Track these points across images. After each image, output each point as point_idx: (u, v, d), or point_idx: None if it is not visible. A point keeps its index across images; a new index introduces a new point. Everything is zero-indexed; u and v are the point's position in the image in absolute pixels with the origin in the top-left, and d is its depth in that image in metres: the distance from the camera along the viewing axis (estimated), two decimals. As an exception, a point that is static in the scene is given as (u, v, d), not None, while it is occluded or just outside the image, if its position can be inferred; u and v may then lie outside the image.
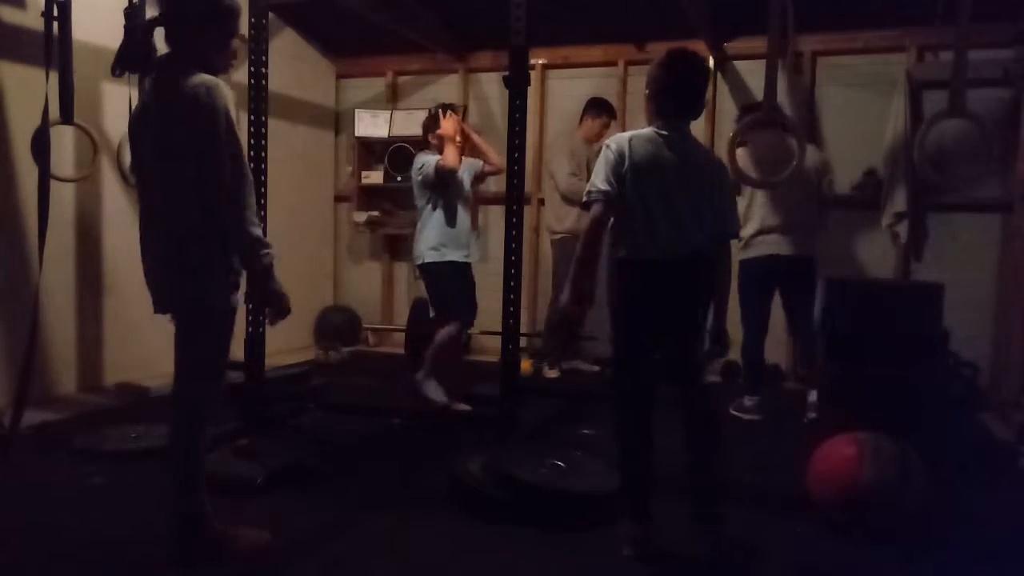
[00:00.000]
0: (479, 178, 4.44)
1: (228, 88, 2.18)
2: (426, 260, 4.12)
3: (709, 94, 5.27)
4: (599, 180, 2.42)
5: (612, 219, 2.47)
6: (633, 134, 2.46)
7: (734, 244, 2.71)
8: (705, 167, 2.49)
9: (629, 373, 2.48)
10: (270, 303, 2.29)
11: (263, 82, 3.76)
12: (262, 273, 2.21)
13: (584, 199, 2.49)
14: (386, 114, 6.04)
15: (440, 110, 4.16)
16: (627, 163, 2.40)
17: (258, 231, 2.19)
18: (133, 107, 2.32)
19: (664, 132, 2.45)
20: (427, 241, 4.11)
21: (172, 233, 2.21)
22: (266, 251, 2.20)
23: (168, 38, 2.28)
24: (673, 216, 2.42)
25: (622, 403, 2.49)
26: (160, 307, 2.31)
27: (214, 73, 2.23)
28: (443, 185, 4.06)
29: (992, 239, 4.85)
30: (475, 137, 4.41)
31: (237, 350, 2.50)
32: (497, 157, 4.27)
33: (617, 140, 2.46)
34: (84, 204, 4.35)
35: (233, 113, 2.16)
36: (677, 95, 2.46)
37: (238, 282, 2.28)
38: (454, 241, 4.11)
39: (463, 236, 4.16)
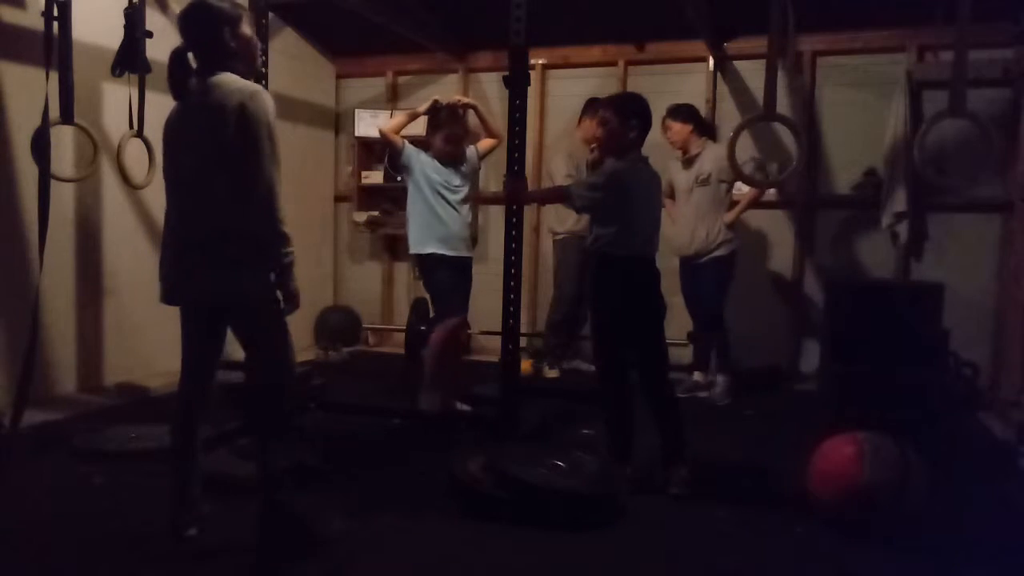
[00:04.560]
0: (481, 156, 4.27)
1: (268, 96, 2.35)
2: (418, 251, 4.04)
3: (708, 94, 5.37)
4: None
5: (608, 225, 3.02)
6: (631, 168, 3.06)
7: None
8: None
9: (616, 348, 3.12)
10: (287, 298, 2.44)
11: (263, 82, 3.76)
12: (286, 270, 2.38)
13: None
14: (386, 114, 6.03)
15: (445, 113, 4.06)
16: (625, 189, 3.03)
17: (285, 229, 2.35)
18: (170, 112, 2.45)
19: (643, 163, 3.10)
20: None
21: (216, 231, 2.31)
22: (290, 249, 2.37)
23: (196, 61, 2.40)
24: (652, 223, 3.11)
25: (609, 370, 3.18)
26: (171, 299, 2.41)
27: (246, 76, 2.38)
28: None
29: (992, 239, 4.86)
30: (479, 110, 4.23)
31: (238, 350, 2.50)
32: (495, 125, 4.16)
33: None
34: (84, 204, 4.35)
35: (272, 119, 2.33)
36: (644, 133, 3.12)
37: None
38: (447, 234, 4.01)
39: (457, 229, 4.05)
